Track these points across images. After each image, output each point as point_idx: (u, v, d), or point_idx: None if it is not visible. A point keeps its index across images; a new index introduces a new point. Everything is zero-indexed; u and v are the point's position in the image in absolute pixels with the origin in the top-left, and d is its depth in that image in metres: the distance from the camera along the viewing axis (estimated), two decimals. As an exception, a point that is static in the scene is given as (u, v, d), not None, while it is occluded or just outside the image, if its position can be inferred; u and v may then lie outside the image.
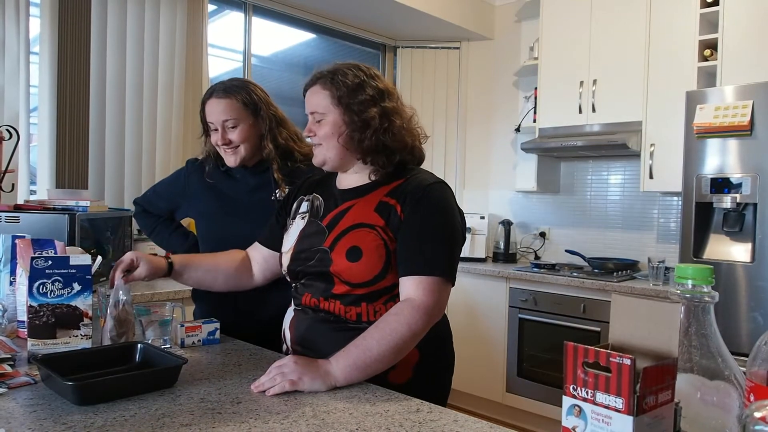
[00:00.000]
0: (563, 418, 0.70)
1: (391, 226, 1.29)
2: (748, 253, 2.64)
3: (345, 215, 1.34)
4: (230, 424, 0.98)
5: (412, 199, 1.29)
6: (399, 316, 1.22)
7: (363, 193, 1.36)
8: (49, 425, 0.95)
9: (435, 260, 1.26)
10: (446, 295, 1.28)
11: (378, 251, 1.27)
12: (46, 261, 1.28)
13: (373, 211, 1.31)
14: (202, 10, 3.23)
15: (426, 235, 1.27)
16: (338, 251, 1.29)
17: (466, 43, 4.45)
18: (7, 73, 2.59)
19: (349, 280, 1.29)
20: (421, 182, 1.32)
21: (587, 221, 3.93)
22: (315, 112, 1.36)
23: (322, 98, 1.34)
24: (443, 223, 1.29)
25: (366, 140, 1.32)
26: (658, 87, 3.23)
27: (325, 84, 1.35)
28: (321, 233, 1.35)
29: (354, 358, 1.19)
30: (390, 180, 1.36)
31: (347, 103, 1.32)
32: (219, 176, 1.79)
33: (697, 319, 0.76)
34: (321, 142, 1.36)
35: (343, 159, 1.37)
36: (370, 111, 1.32)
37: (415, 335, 1.22)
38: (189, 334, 1.49)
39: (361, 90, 1.33)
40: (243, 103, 1.69)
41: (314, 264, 1.33)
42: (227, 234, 1.75)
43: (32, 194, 2.76)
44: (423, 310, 1.23)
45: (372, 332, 1.21)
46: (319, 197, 1.44)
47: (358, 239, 1.28)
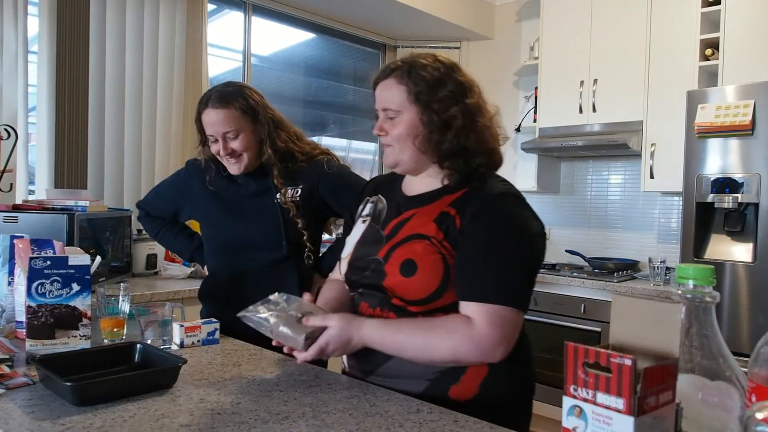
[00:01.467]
0: (563, 418, 0.70)
1: (449, 240, 1.15)
2: (749, 254, 2.64)
3: (405, 225, 1.22)
4: (230, 424, 0.98)
5: (473, 210, 1.15)
6: (451, 338, 1.10)
7: (427, 201, 1.23)
8: (47, 426, 0.95)
9: (500, 286, 1.10)
10: (514, 328, 1.12)
11: (434, 266, 1.14)
12: (44, 261, 1.27)
13: (432, 222, 1.18)
14: (201, 10, 3.22)
15: (490, 256, 1.12)
16: (392, 263, 1.17)
17: (466, 43, 4.44)
18: (5, 72, 2.59)
19: (403, 296, 1.17)
20: (486, 192, 1.17)
21: (587, 221, 3.93)
22: (388, 109, 1.21)
23: (396, 94, 1.20)
24: (510, 242, 1.13)
25: (446, 143, 1.18)
26: (659, 87, 3.22)
27: (400, 78, 1.20)
28: (379, 241, 1.23)
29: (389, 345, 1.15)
30: (457, 187, 1.21)
31: (426, 100, 1.18)
32: (220, 182, 1.77)
33: (698, 319, 0.76)
34: (393, 143, 1.22)
35: (418, 162, 1.23)
36: (451, 110, 1.17)
37: (456, 361, 1.13)
38: (189, 334, 1.48)
39: (441, 85, 1.18)
40: (242, 111, 1.64)
41: (369, 275, 1.22)
42: (231, 237, 1.75)
43: (31, 194, 2.75)
44: (478, 342, 1.09)
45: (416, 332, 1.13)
46: (383, 200, 1.31)
47: (413, 252, 1.16)
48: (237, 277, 1.73)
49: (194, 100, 3.19)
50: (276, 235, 1.69)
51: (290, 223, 1.69)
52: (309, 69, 4.15)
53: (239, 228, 1.73)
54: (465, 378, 1.16)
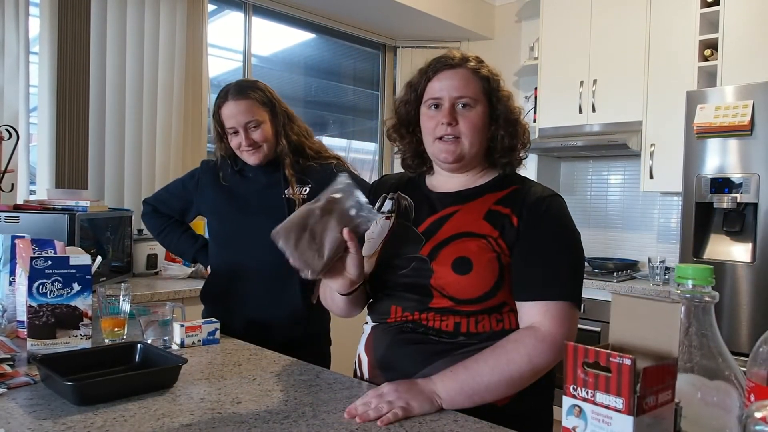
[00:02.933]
0: (563, 418, 0.70)
1: (505, 238, 1.14)
2: (748, 253, 2.64)
3: (447, 222, 1.19)
4: (230, 424, 0.98)
5: (532, 211, 1.15)
6: (519, 345, 1.07)
7: (468, 199, 1.21)
8: (48, 425, 0.95)
9: (562, 283, 1.11)
10: (576, 323, 1.12)
11: (491, 264, 1.12)
12: (45, 261, 1.27)
13: (483, 220, 1.16)
14: (202, 10, 3.23)
15: (551, 255, 1.13)
16: (442, 261, 1.14)
17: (466, 43, 4.44)
18: (6, 73, 2.59)
19: (455, 296, 1.13)
20: (540, 193, 1.19)
21: (587, 221, 3.93)
22: (465, 97, 1.18)
23: (474, 84, 1.19)
24: (568, 242, 1.16)
25: (505, 137, 1.20)
26: (658, 87, 3.23)
27: (475, 70, 1.21)
28: (416, 239, 1.19)
29: (462, 382, 1.05)
30: (498, 187, 1.21)
31: (494, 96, 1.20)
32: (232, 176, 1.81)
33: (697, 319, 0.76)
34: (463, 134, 1.18)
35: (477, 158, 1.22)
36: (507, 104, 1.21)
37: (535, 371, 1.08)
38: (189, 335, 1.48)
39: (495, 81, 1.22)
40: (261, 102, 1.71)
41: (409, 273, 1.17)
42: (237, 231, 1.76)
43: (32, 194, 2.75)
44: (550, 342, 1.07)
45: (486, 357, 1.08)
46: (407, 198, 1.27)
47: (467, 249, 1.13)
48: (239, 275, 1.74)
49: (194, 100, 3.20)
50: None
51: None
52: (309, 69, 4.15)
53: (245, 221, 1.75)
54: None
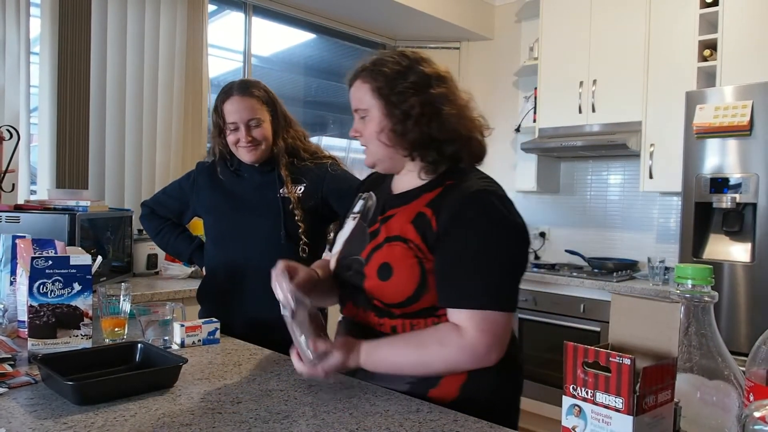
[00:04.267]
0: (563, 418, 0.70)
1: (427, 243, 1.13)
2: (747, 253, 2.64)
3: (385, 224, 1.21)
4: (230, 424, 0.98)
5: (450, 211, 1.12)
6: (443, 350, 1.10)
7: (407, 200, 1.22)
8: (49, 425, 0.95)
9: (486, 290, 1.08)
10: (506, 331, 1.10)
11: (411, 270, 1.13)
12: (46, 261, 1.28)
13: (409, 223, 1.16)
14: (202, 11, 3.23)
15: (472, 260, 1.09)
16: (371, 266, 1.17)
17: (466, 43, 4.44)
18: (7, 73, 2.59)
19: (381, 299, 1.17)
20: (462, 190, 1.14)
21: (587, 221, 3.93)
22: (359, 109, 1.24)
23: (363, 93, 1.22)
24: (491, 243, 1.10)
25: (409, 133, 1.18)
26: (658, 87, 3.23)
27: (365, 77, 1.23)
28: (363, 241, 1.23)
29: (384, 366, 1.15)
30: (435, 185, 1.20)
31: (387, 94, 1.19)
32: (228, 174, 1.83)
33: (696, 318, 0.76)
34: (367, 142, 1.24)
35: (393, 158, 1.23)
36: (410, 100, 1.17)
37: (449, 371, 1.13)
38: (189, 334, 1.49)
39: (401, 78, 1.19)
40: (263, 101, 1.74)
41: (352, 275, 1.23)
42: (233, 230, 1.78)
43: (32, 194, 2.75)
44: (471, 351, 1.08)
45: (408, 347, 1.13)
46: (374, 197, 1.31)
47: (391, 255, 1.15)
48: (234, 273, 1.75)
49: (195, 100, 3.20)
50: (275, 226, 1.72)
51: (289, 215, 1.73)
52: (309, 69, 4.15)
53: (240, 218, 1.77)
54: (443, 382, 1.15)
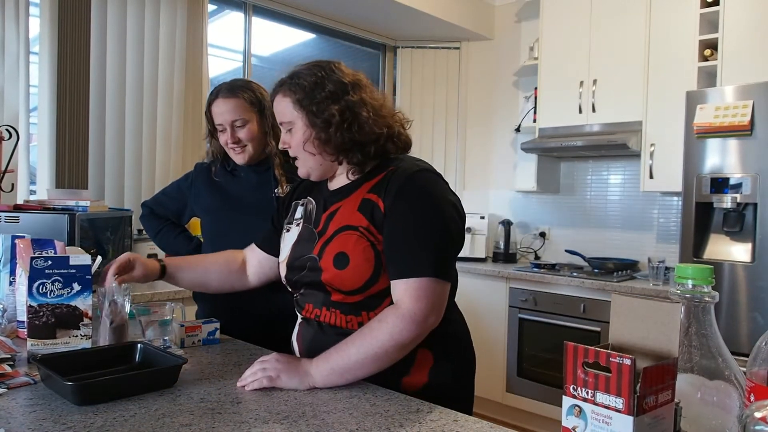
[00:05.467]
0: (563, 418, 0.70)
1: (376, 225, 1.21)
2: (748, 253, 2.64)
3: (332, 219, 1.27)
4: (230, 424, 0.98)
5: (391, 191, 1.20)
6: (382, 324, 1.15)
7: (348, 193, 1.28)
8: (49, 425, 0.95)
9: (420, 259, 1.16)
10: (440, 297, 1.18)
11: (365, 254, 1.19)
12: (45, 261, 1.27)
13: (357, 211, 1.23)
14: (202, 10, 3.23)
15: (409, 232, 1.18)
16: (326, 258, 1.22)
17: (466, 43, 4.44)
18: (7, 72, 2.59)
19: (341, 288, 1.22)
20: (402, 172, 1.22)
21: (587, 221, 3.93)
22: (283, 122, 1.30)
23: (284, 106, 1.28)
24: (428, 215, 1.19)
25: (332, 139, 1.24)
26: (658, 87, 3.23)
27: (285, 91, 1.29)
28: (312, 240, 1.29)
29: (333, 362, 1.16)
30: (374, 174, 1.27)
31: (307, 105, 1.25)
32: (224, 175, 1.85)
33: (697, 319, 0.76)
34: (296, 153, 1.30)
35: (323, 165, 1.30)
36: (330, 108, 1.24)
37: (399, 345, 1.15)
38: (189, 334, 1.49)
39: (319, 88, 1.25)
40: (249, 102, 1.74)
41: (307, 273, 1.27)
42: (229, 229, 1.79)
43: (32, 194, 2.75)
44: (409, 318, 1.14)
45: (354, 337, 1.17)
46: (312, 201, 1.38)
47: (344, 244, 1.21)
48: None
49: (194, 100, 3.20)
50: None
51: None
52: (309, 69, 4.14)
53: (237, 219, 1.78)
54: (414, 369, 1.22)
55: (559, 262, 3.77)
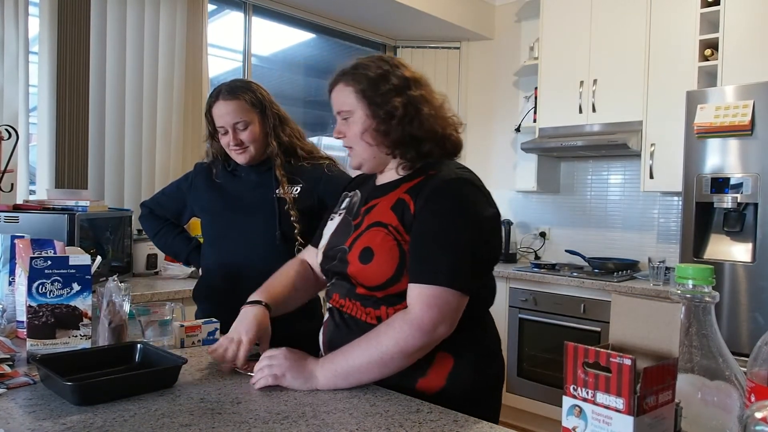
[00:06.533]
0: (563, 418, 0.70)
1: (405, 225, 1.20)
2: (748, 253, 2.64)
3: (369, 213, 1.28)
4: (230, 424, 0.98)
5: (424, 196, 1.19)
6: (389, 329, 1.14)
7: (388, 190, 1.28)
8: (48, 425, 0.95)
9: (437, 266, 1.14)
10: (453, 308, 1.14)
11: (390, 252, 1.19)
12: (45, 261, 1.27)
13: (390, 209, 1.23)
14: (202, 10, 3.23)
15: (431, 237, 1.16)
16: (354, 252, 1.23)
17: (466, 43, 4.44)
18: (6, 72, 2.59)
19: (364, 283, 1.22)
20: (440, 178, 1.21)
21: (587, 221, 3.93)
22: (341, 111, 1.29)
23: (346, 95, 1.28)
24: (454, 224, 1.17)
25: (392, 132, 1.24)
26: (659, 87, 3.23)
27: (347, 80, 1.28)
28: (348, 231, 1.30)
29: (337, 365, 1.16)
30: (415, 176, 1.26)
31: (370, 96, 1.25)
32: (224, 176, 1.84)
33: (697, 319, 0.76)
34: (351, 144, 1.29)
35: (377, 158, 1.29)
36: (393, 101, 1.24)
37: (404, 352, 1.13)
38: (189, 334, 1.48)
39: (384, 81, 1.25)
40: (251, 104, 1.73)
41: (336, 264, 1.28)
42: (229, 230, 1.79)
43: (32, 194, 2.75)
44: (416, 325, 1.12)
45: (360, 341, 1.16)
46: (358, 193, 1.38)
47: (371, 239, 1.21)
48: (230, 273, 1.76)
49: (194, 100, 3.20)
50: (271, 226, 1.73)
51: (285, 215, 1.73)
52: (309, 69, 4.15)
53: (237, 219, 1.78)
54: (431, 371, 1.20)
55: (559, 262, 3.76)
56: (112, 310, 1.38)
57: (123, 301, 1.42)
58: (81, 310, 1.30)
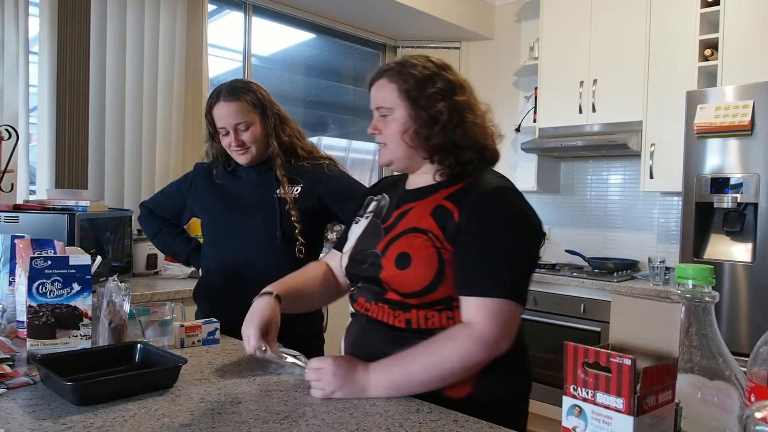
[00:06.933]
0: (563, 418, 0.70)
1: (446, 234, 1.16)
2: (748, 253, 2.64)
3: (403, 218, 1.24)
4: (230, 425, 0.98)
5: (471, 205, 1.15)
6: (453, 344, 1.10)
7: (424, 195, 1.24)
8: (48, 425, 0.95)
9: (496, 279, 1.11)
10: (513, 320, 1.12)
11: (429, 259, 1.15)
12: (45, 261, 1.27)
13: (429, 215, 1.19)
14: (202, 10, 3.23)
15: (486, 249, 1.13)
16: (389, 256, 1.19)
17: (466, 43, 4.44)
18: (6, 72, 2.59)
19: (398, 289, 1.18)
20: (485, 186, 1.18)
21: (587, 221, 3.93)
22: (381, 107, 1.25)
23: (388, 92, 1.24)
24: (507, 235, 1.14)
25: (434, 137, 1.21)
26: (659, 87, 3.23)
27: (392, 77, 1.24)
28: (378, 235, 1.26)
29: (395, 378, 1.12)
30: (454, 182, 1.22)
31: (415, 96, 1.21)
32: (224, 176, 1.84)
33: (697, 319, 0.76)
34: (386, 141, 1.25)
35: (411, 159, 1.25)
36: (438, 105, 1.20)
37: (465, 367, 1.11)
38: (189, 334, 1.48)
39: (430, 82, 1.22)
40: (252, 104, 1.73)
41: (366, 268, 1.24)
42: (229, 230, 1.79)
43: (32, 194, 2.75)
44: (482, 341, 1.09)
45: (420, 354, 1.11)
46: (387, 197, 1.34)
47: (410, 245, 1.17)
48: (231, 273, 1.76)
49: (194, 100, 3.20)
50: (271, 226, 1.73)
51: (285, 215, 1.73)
52: (309, 69, 4.15)
53: (237, 218, 1.78)
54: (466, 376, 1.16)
55: (559, 262, 3.76)
56: (112, 310, 1.39)
57: (123, 301, 1.42)
58: (81, 310, 1.30)
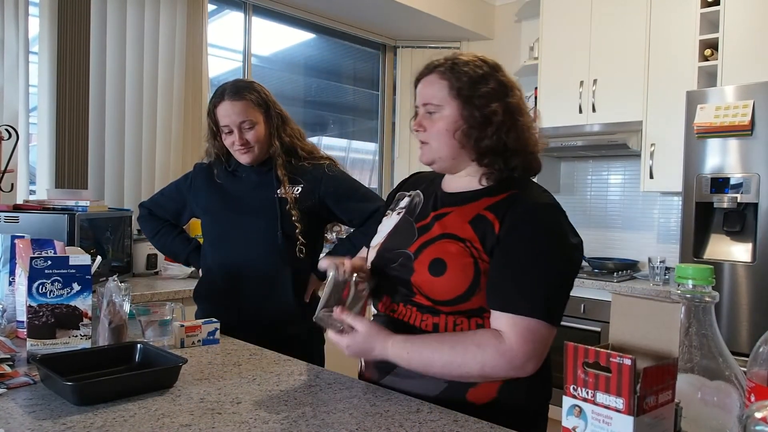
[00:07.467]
0: (563, 418, 0.70)
1: (485, 244, 1.12)
2: (748, 253, 2.64)
3: (440, 220, 1.19)
4: (230, 424, 0.98)
5: (514, 219, 1.11)
6: (479, 352, 1.07)
7: (464, 201, 1.20)
8: (48, 425, 0.95)
9: (534, 298, 1.07)
10: (545, 343, 1.08)
11: (465, 269, 1.11)
12: (45, 261, 1.27)
13: (467, 223, 1.15)
14: (202, 10, 3.23)
15: (525, 266, 1.09)
16: (422, 260, 1.15)
17: (466, 43, 4.44)
18: (6, 72, 2.59)
19: (429, 295, 1.15)
20: (528, 201, 1.14)
21: (587, 221, 3.93)
22: (429, 104, 1.20)
23: (438, 89, 1.18)
24: (549, 254, 1.10)
25: (486, 139, 1.15)
26: (659, 87, 3.23)
27: (443, 74, 1.19)
28: (411, 235, 1.21)
29: (413, 365, 1.11)
30: (496, 191, 1.17)
31: (468, 95, 1.16)
32: (225, 176, 1.84)
33: (697, 319, 0.76)
34: (430, 139, 1.20)
35: (457, 159, 1.20)
36: (492, 105, 1.15)
37: (484, 376, 1.09)
38: (189, 334, 1.48)
39: (483, 82, 1.17)
40: (256, 104, 1.73)
41: (397, 268, 1.20)
42: (230, 230, 1.78)
43: (32, 194, 2.75)
44: (509, 357, 1.06)
45: (444, 349, 1.10)
46: (421, 195, 1.29)
47: (445, 251, 1.13)
48: (231, 273, 1.76)
49: (194, 100, 3.20)
50: (272, 226, 1.73)
51: (286, 215, 1.73)
52: (309, 69, 4.15)
53: (237, 219, 1.77)
54: (482, 383, 1.14)
55: (559, 262, 3.76)
56: (112, 310, 1.39)
57: (123, 301, 1.42)
58: (81, 310, 1.31)
